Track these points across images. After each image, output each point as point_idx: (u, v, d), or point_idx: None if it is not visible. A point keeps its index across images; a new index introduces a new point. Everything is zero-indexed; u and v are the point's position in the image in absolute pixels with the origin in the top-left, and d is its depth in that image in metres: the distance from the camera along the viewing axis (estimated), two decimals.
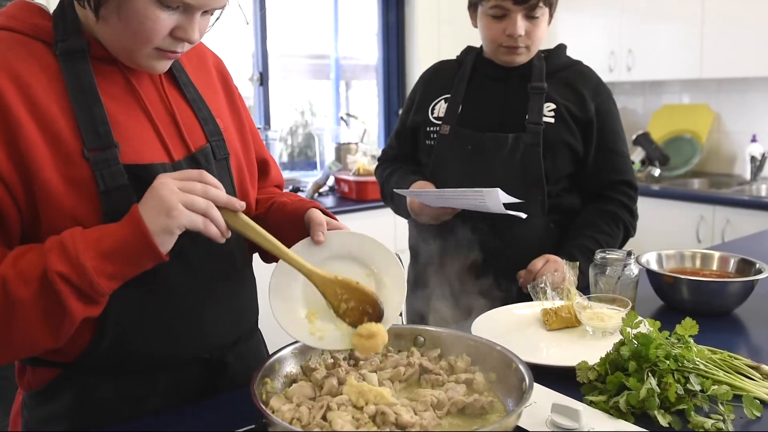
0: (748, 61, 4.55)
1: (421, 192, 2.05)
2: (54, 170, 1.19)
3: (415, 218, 2.23)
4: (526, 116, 2.12)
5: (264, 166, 1.65)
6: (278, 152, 5.09)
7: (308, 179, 4.98)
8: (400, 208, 2.29)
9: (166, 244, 1.16)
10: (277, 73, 5.12)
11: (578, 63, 2.27)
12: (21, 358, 1.28)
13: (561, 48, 2.30)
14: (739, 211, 4.34)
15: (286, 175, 5.19)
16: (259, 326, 1.64)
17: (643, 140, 5.11)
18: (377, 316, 1.28)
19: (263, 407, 1.06)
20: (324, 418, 1.09)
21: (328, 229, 1.35)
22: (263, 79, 5.01)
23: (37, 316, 1.13)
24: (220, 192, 1.20)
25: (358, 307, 1.28)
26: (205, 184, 1.19)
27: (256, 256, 1.56)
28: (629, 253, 1.81)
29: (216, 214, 1.19)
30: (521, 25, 2.07)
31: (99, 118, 1.23)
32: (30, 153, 1.18)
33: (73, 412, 1.34)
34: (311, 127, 5.50)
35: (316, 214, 1.37)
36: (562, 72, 2.22)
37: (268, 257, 1.49)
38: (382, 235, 1.61)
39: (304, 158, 5.56)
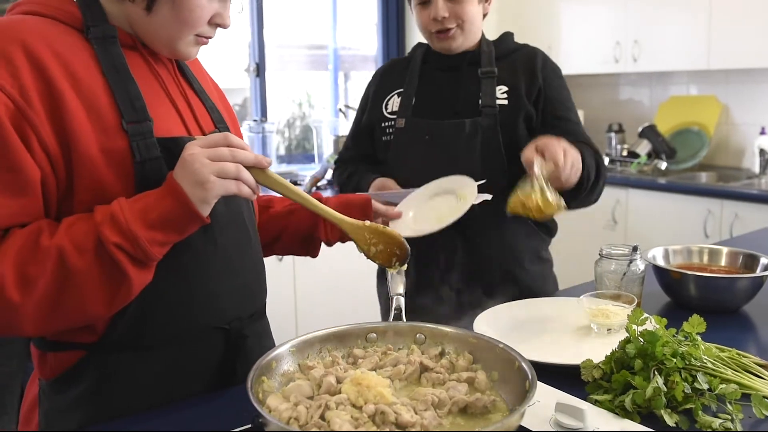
0: (757, 51, 4.55)
1: (385, 194, 2.05)
2: (94, 141, 1.27)
3: None
4: (479, 102, 2.14)
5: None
6: (275, 145, 5.09)
7: (306, 173, 4.98)
8: None
9: (206, 211, 1.27)
10: (274, 63, 5.12)
11: (525, 46, 2.30)
12: (58, 330, 1.31)
13: (508, 35, 2.33)
14: (748, 205, 4.34)
15: (284, 168, 5.19)
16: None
17: (650, 133, 5.11)
18: (404, 256, 1.46)
19: (259, 406, 1.05)
20: (322, 417, 1.09)
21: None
22: (260, 70, 5.01)
23: (95, 284, 1.22)
24: (247, 153, 1.29)
25: (386, 250, 1.46)
26: (232, 148, 1.28)
27: None
28: (635, 249, 1.81)
29: (246, 175, 1.28)
30: (442, 6, 2.12)
31: (134, 94, 1.33)
32: (73, 125, 1.26)
33: (95, 395, 1.37)
34: (309, 120, 5.50)
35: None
36: (511, 55, 2.25)
37: (330, 241, 1.76)
38: None
39: (301, 151, 5.56)
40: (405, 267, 1.48)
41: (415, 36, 5.51)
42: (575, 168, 1.84)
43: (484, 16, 2.26)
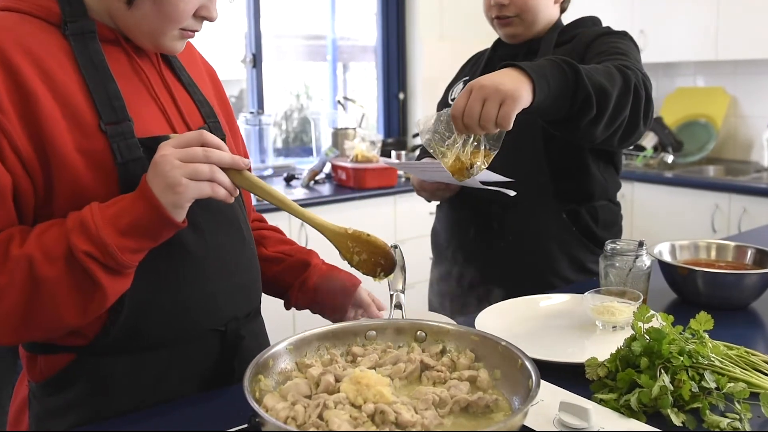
0: (766, 41, 4.54)
1: (400, 164, 2.05)
2: (71, 143, 1.26)
3: (419, 195, 2.23)
4: None
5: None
6: (272, 138, 5.08)
7: (304, 166, 4.98)
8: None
9: (179, 215, 1.24)
10: (271, 54, 5.11)
11: (602, 30, 2.15)
12: (37, 339, 1.33)
13: (585, 18, 2.24)
14: (757, 199, 4.34)
15: (281, 161, 5.19)
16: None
17: (656, 125, 5.11)
18: (389, 266, 1.42)
19: (256, 405, 1.05)
20: (320, 417, 1.09)
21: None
22: (256, 61, 5.00)
23: (65, 293, 1.20)
24: (222, 153, 1.26)
25: (370, 259, 1.41)
26: (206, 148, 1.25)
27: None
28: (641, 244, 1.81)
29: (221, 177, 1.26)
30: None
31: (113, 93, 1.31)
32: (47, 126, 1.24)
33: (88, 397, 1.36)
34: (307, 112, 5.49)
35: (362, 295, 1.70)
36: (572, 41, 2.15)
37: (299, 305, 1.75)
38: (382, 226, 1.63)
39: (299, 144, 5.56)
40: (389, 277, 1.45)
41: (416, 26, 5.50)
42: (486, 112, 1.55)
43: (561, 3, 2.20)
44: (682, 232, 4.43)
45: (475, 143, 1.63)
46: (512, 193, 1.92)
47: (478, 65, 2.32)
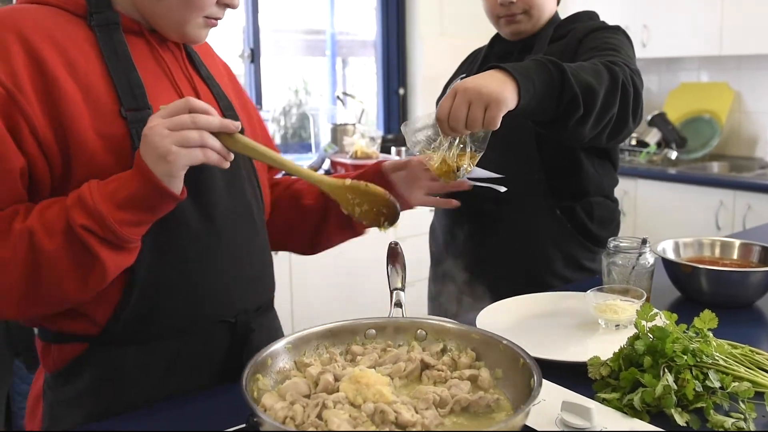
0: None
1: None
2: (91, 127, 1.30)
3: None
4: None
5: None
6: (271, 134, 5.08)
7: (302, 162, 4.97)
8: None
9: (174, 185, 1.25)
10: (269, 49, 5.11)
11: (598, 24, 2.16)
12: (42, 312, 1.35)
13: (582, 13, 2.24)
14: (761, 196, 4.34)
15: None
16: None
17: (659, 121, 5.11)
18: (392, 215, 1.43)
19: (254, 405, 1.05)
20: (319, 416, 1.09)
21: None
22: (254, 56, 5.00)
23: (65, 267, 1.23)
24: (210, 118, 1.27)
25: (372, 209, 1.42)
26: (194, 114, 1.25)
27: None
28: (644, 241, 1.81)
29: (213, 141, 1.26)
30: None
31: (134, 81, 1.36)
32: (69, 111, 1.29)
33: (99, 387, 1.40)
34: (306, 107, 5.49)
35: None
36: (567, 36, 2.15)
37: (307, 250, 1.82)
38: None
39: (298, 140, 5.56)
40: (394, 226, 1.45)
41: (416, 20, 5.50)
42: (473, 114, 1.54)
43: None
44: (685, 229, 4.43)
45: (461, 145, 1.64)
46: (503, 189, 1.92)
47: (474, 62, 2.32)
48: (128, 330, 1.38)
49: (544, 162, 2.08)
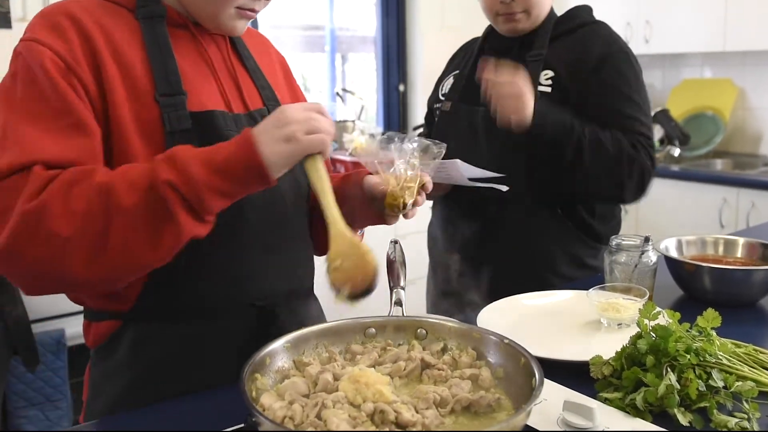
0: None
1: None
2: (128, 108, 1.36)
3: None
4: None
5: None
6: None
7: None
8: None
9: (275, 170, 1.29)
10: None
11: (595, 23, 2.21)
12: (117, 279, 1.32)
13: (579, 9, 2.25)
14: (765, 193, 4.34)
15: None
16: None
17: (662, 118, 5.11)
18: (361, 290, 1.31)
19: (253, 405, 1.05)
20: (318, 416, 1.09)
21: None
22: None
23: (139, 224, 1.23)
24: (331, 123, 1.35)
25: (348, 272, 1.31)
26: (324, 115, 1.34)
27: None
28: (647, 239, 1.81)
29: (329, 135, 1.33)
30: None
31: (171, 69, 1.42)
32: (110, 91, 1.35)
33: (131, 362, 1.46)
34: None
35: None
36: (571, 34, 2.18)
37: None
38: None
39: None
40: (357, 303, 1.32)
41: (416, 16, 5.50)
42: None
43: None
44: (689, 227, 4.43)
45: (411, 171, 1.55)
46: (505, 189, 1.93)
47: (468, 57, 2.32)
48: (156, 307, 1.44)
49: (545, 161, 2.08)
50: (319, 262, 1.66)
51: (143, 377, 1.45)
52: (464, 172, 1.89)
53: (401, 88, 5.69)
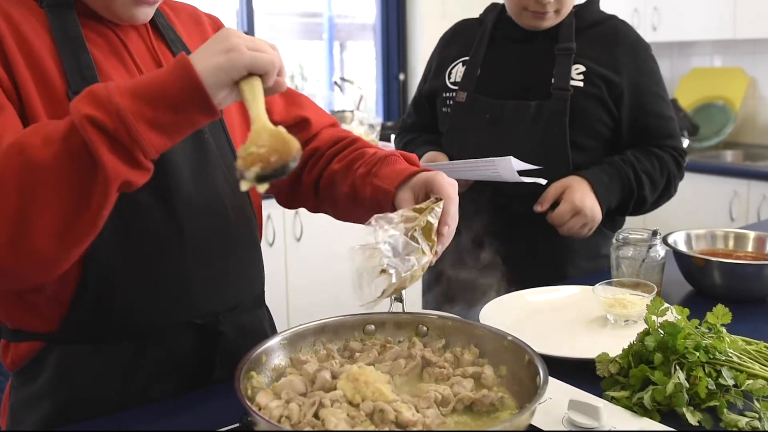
0: None
1: (431, 165, 2.04)
2: (41, 107, 1.27)
3: None
4: (552, 81, 2.11)
5: (302, 126, 1.70)
6: None
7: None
8: None
9: (217, 94, 1.12)
10: (264, 32, 5.10)
11: (612, 18, 2.25)
12: (60, 256, 1.16)
13: (594, 2, 2.27)
14: None
15: None
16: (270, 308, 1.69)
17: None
18: (277, 166, 1.07)
19: (248, 404, 1.05)
20: (316, 416, 1.09)
21: None
22: None
23: (62, 181, 1.08)
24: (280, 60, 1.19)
25: (261, 155, 1.07)
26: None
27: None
28: (655, 233, 1.80)
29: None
30: None
31: (85, 63, 1.32)
32: (22, 84, 1.27)
33: (54, 389, 1.38)
34: (302, 93, 5.48)
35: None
36: (594, 28, 2.20)
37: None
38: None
39: None
40: (264, 186, 1.10)
41: (417, 3, 5.49)
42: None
43: None
44: (698, 220, 4.43)
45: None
46: (544, 182, 1.94)
47: (475, 42, 2.28)
48: (84, 329, 1.37)
49: (573, 161, 2.09)
50: (269, 270, 1.64)
51: (69, 404, 1.38)
52: (515, 166, 1.89)
53: (401, 77, 5.69)
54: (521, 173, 1.92)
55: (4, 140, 1.13)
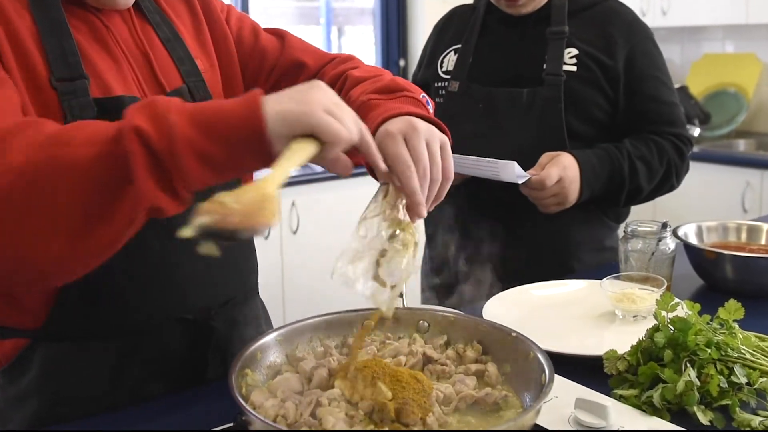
0: None
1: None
2: (26, 94, 1.26)
3: None
4: (544, 66, 2.11)
5: (298, 71, 1.65)
6: None
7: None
8: None
9: (278, 141, 1.04)
10: (258, 17, 5.09)
11: (637, 30, 2.21)
12: (69, 265, 1.11)
13: None
14: None
15: None
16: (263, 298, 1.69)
17: (681, 95, 5.08)
18: (228, 229, 0.99)
19: (243, 402, 1.05)
20: (313, 415, 1.09)
21: None
22: None
23: (90, 186, 1.02)
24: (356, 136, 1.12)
25: (226, 209, 0.99)
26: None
27: None
28: (665, 225, 1.80)
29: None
30: None
31: (68, 49, 1.31)
32: (9, 72, 1.26)
33: (40, 387, 1.38)
34: None
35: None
36: (588, 10, 2.19)
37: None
38: None
39: None
40: (204, 245, 1.04)
41: None
42: None
43: None
44: (709, 212, 4.43)
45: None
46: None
47: (468, 29, 2.27)
48: (70, 325, 1.37)
49: (571, 148, 2.08)
50: (265, 263, 1.63)
51: (56, 403, 1.38)
52: (517, 172, 1.89)
53: (401, 63, 5.68)
54: (520, 178, 1.92)
55: (46, 125, 1.09)
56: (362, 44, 5.76)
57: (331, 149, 1.08)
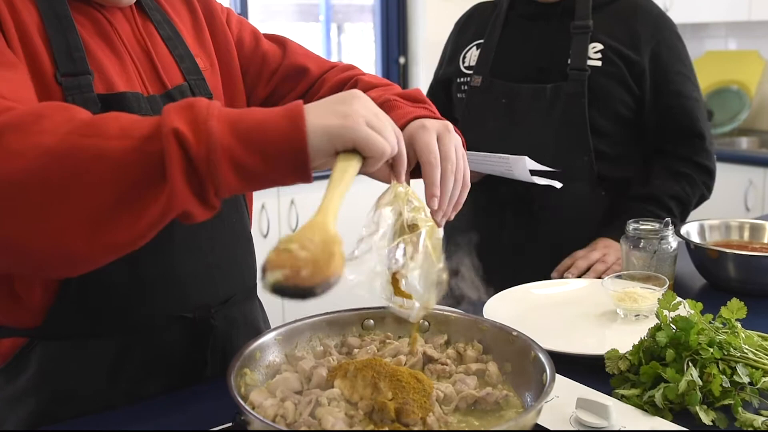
0: None
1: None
2: (32, 89, 1.26)
3: None
4: (569, 61, 2.11)
5: (300, 76, 1.67)
6: None
7: None
8: None
9: (317, 156, 1.04)
10: (257, 15, 5.09)
11: (665, 32, 2.21)
12: (85, 257, 1.06)
13: None
14: None
15: None
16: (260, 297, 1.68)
17: None
18: (303, 286, 0.97)
19: (241, 402, 1.05)
20: (312, 415, 1.09)
21: None
22: None
23: (122, 179, 0.99)
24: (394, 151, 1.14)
25: (298, 260, 0.97)
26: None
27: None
28: (667, 224, 1.80)
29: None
30: None
31: (73, 44, 1.32)
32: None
33: (38, 386, 1.39)
34: None
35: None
36: (613, 4, 2.18)
37: None
38: None
39: None
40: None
41: None
42: None
43: None
44: (712, 210, 4.42)
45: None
46: (559, 185, 1.93)
47: (490, 24, 2.28)
48: (68, 323, 1.37)
49: (594, 147, 2.08)
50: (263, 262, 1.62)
51: (54, 402, 1.39)
52: (529, 166, 1.89)
53: (402, 60, 5.68)
54: (536, 173, 1.91)
55: (79, 110, 1.07)
56: (362, 41, 5.76)
57: (374, 164, 1.10)
